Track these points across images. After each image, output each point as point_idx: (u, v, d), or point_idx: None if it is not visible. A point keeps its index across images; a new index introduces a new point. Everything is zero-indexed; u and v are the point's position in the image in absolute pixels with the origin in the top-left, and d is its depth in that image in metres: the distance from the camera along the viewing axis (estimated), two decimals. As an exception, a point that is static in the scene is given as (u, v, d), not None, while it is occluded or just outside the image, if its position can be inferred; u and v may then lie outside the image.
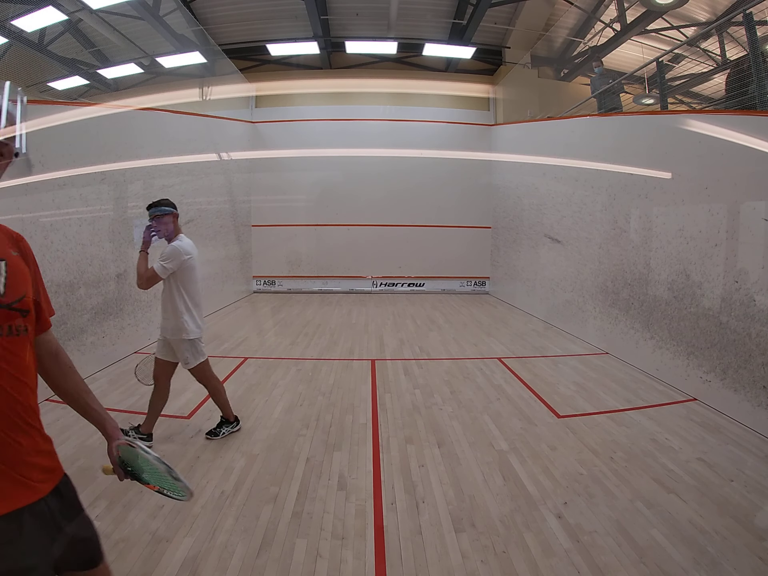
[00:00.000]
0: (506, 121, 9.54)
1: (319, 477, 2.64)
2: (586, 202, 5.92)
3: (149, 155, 5.69)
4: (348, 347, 5.63)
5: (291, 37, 8.97)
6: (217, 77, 8.86)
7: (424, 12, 8.74)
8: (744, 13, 4.13)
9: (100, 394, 3.88)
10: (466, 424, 3.38)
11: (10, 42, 5.79)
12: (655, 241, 4.52)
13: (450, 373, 4.57)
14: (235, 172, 9.11)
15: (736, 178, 3.55)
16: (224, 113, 8.66)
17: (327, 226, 9.97)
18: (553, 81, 9.36)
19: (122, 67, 8.08)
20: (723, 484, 2.54)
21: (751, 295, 3.36)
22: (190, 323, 2.91)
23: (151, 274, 2.78)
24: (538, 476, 2.65)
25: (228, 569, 1.91)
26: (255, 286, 10.13)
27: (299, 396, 3.94)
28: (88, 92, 7.77)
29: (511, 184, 8.86)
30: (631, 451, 2.95)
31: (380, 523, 2.22)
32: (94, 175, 4.62)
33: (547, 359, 5.09)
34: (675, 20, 7.85)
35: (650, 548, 2.03)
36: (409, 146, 9.79)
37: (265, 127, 9.92)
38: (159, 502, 2.36)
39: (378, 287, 10.21)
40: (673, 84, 6.82)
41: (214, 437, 3.06)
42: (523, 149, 8.37)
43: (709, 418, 3.46)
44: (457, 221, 10.06)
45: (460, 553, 2.01)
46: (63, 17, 6.47)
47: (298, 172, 9.85)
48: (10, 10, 5.69)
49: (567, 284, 6.37)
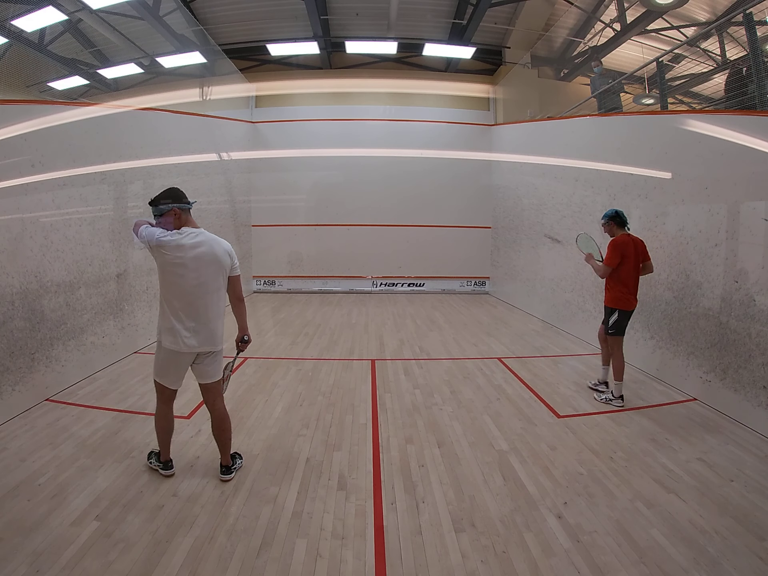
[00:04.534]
0: (506, 121, 9.54)
1: (319, 477, 2.64)
2: (586, 202, 5.92)
3: (149, 155, 5.68)
4: (348, 347, 5.63)
5: (291, 37, 8.96)
6: (217, 77, 8.85)
7: (424, 12, 8.74)
8: (744, 13, 4.13)
9: (100, 394, 3.89)
10: (466, 424, 3.38)
11: (10, 42, 5.79)
12: (655, 241, 4.51)
13: (450, 373, 4.57)
14: (235, 172, 9.10)
15: (736, 178, 3.55)
16: (224, 113, 8.66)
17: (327, 226, 9.96)
18: (553, 81, 9.35)
19: (122, 67, 8.07)
20: (723, 484, 2.54)
21: (751, 295, 3.36)
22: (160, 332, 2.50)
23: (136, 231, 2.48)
24: (538, 476, 2.65)
25: (228, 569, 1.91)
26: (255, 286, 10.13)
27: (299, 396, 3.94)
28: (88, 92, 7.76)
29: (511, 184, 8.86)
30: (631, 451, 2.95)
31: (380, 523, 2.22)
32: (94, 175, 4.62)
33: (547, 359, 5.08)
34: (675, 20, 7.85)
35: (650, 548, 2.03)
36: (409, 146, 9.80)
37: (265, 127, 9.92)
38: (159, 502, 2.37)
39: (378, 287, 10.21)
40: (673, 84, 6.82)
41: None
42: (523, 149, 8.37)
43: (709, 418, 3.46)
44: (457, 221, 10.06)
45: (460, 553, 2.01)
46: (63, 17, 6.47)
47: (298, 172, 9.85)
48: (10, 10, 5.69)
49: (567, 284, 6.37)
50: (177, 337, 2.42)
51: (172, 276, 2.41)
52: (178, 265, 2.39)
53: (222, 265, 2.49)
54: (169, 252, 2.38)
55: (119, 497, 2.39)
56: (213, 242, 2.48)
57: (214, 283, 2.48)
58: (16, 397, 3.41)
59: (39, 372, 3.69)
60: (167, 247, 2.38)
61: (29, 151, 3.73)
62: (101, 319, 4.56)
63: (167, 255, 2.38)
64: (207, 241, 2.46)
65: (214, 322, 2.51)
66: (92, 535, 2.08)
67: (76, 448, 2.91)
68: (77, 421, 3.32)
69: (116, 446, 2.95)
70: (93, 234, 4.55)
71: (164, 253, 2.39)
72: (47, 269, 3.85)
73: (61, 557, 1.93)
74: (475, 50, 9.01)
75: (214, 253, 2.46)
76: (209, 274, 2.45)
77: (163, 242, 2.38)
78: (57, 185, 4.04)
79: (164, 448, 2.63)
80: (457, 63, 9.91)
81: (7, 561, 1.91)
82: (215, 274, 2.47)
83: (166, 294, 2.45)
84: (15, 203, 3.55)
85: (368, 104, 9.97)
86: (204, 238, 2.46)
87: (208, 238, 2.48)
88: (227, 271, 2.53)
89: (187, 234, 2.43)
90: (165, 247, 2.38)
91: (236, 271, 2.58)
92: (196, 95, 8.41)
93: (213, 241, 2.49)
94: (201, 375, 2.58)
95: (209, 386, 2.60)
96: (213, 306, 2.49)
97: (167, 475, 2.59)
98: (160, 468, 2.62)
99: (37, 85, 6.40)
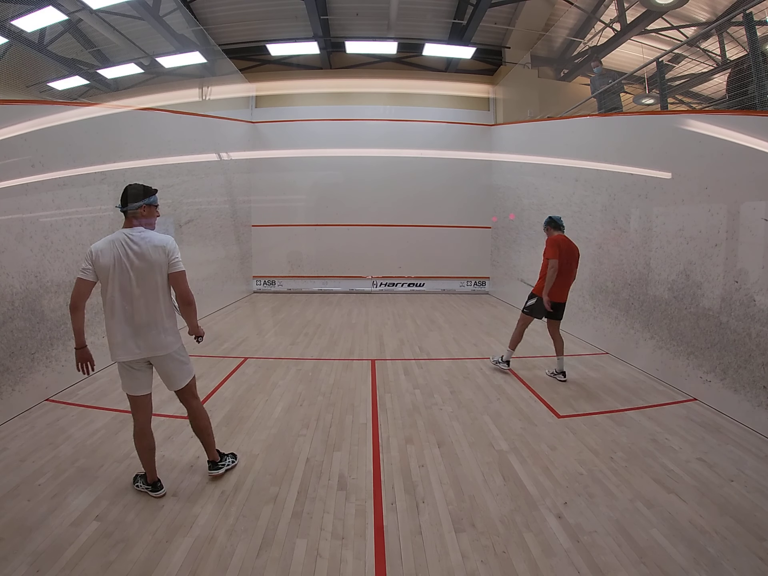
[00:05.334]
0: (506, 121, 9.54)
1: (319, 477, 2.64)
2: (586, 202, 5.92)
3: (149, 155, 5.69)
4: (348, 347, 5.63)
5: (291, 37, 8.96)
6: (217, 77, 8.86)
7: (424, 12, 8.74)
8: (744, 13, 4.13)
9: (100, 394, 3.89)
10: (466, 424, 3.38)
11: (10, 42, 5.79)
12: (655, 241, 4.52)
13: (450, 373, 4.57)
14: (234, 172, 9.10)
15: (736, 178, 3.55)
16: (224, 113, 8.66)
17: (327, 226, 9.97)
18: (553, 81, 9.36)
19: (122, 67, 8.07)
20: (723, 484, 2.54)
21: (751, 295, 3.36)
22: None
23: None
24: (538, 476, 2.65)
25: (228, 569, 1.91)
26: (255, 286, 10.13)
27: (299, 396, 3.94)
28: (88, 92, 7.77)
29: (511, 184, 8.86)
30: (631, 451, 2.95)
31: (380, 523, 2.22)
32: (94, 175, 4.62)
33: (547, 359, 5.08)
34: (675, 20, 7.85)
35: (650, 548, 2.03)
36: (409, 146, 9.80)
37: (265, 127, 9.92)
38: (159, 502, 2.37)
39: (378, 287, 10.21)
40: (673, 84, 6.82)
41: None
42: (523, 149, 8.37)
43: (709, 418, 3.46)
44: (457, 221, 10.06)
45: (460, 553, 2.01)
46: (63, 17, 6.47)
47: (298, 172, 9.85)
48: (10, 10, 5.69)
49: (567, 284, 6.36)
50: (123, 343, 2.32)
51: (102, 275, 2.31)
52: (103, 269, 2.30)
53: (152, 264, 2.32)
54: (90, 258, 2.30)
55: (119, 497, 2.39)
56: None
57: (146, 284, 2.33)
58: (16, 397, 3.42)
59: (39, 372, 3.69)
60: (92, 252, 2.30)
61: (29, 151, 3.74)
62: (101, 319, 4.54)
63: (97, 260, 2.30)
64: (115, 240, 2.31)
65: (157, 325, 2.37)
66: (92, 535, 2.08)
67: (76, 448, 2.92)
68: (77, 422, 3.33)
69: (116, 446, 2.95)
70: (93, 234, 4.55)
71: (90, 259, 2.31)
72: (47, 269, 3.85)
73: (61, 557, 1.94)
74: (475, 50, 9.01)
75: (141, 253, 2.31)
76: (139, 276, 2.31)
77: (90, 250, 2.31)
78: (57, 185, 4.04)
79: (149, 469, 2.45)
80: (457, 63, 9.91)
81: (7, 561, 1.91)
82: (149, 274, 2.32)
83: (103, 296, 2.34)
84: (15, 203, 3.55)
85: (368, 104, 9.97)
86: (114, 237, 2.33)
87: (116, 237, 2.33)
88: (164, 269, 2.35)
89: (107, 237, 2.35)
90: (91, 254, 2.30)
91: (176, 268, 2.37)
92: (196, 95, 8.41)
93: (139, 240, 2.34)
94: (166, 382, 2.49)
95: (179, 392, 2.51)
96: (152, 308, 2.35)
97: (158, 497, 2.41)
98: (149, 490, 2.43)
99: (37, 85, 6.40)
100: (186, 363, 2.51)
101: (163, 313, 2.37)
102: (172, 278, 2.37)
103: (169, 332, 2.39)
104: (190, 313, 2.43)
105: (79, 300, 2.25)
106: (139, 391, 2.40)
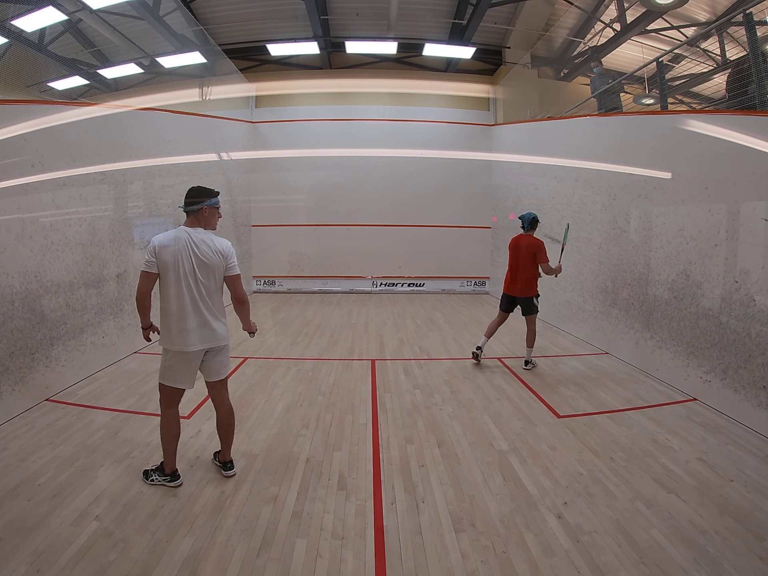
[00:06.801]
0: (506, 121, 9.53)
1: (319, 477, 2.64)
2: (586, 202, 5.92)
3: (149, 155, 5.68)
4: (348, 347, 5.63)
5: (291, 37, 8.96)
6: (217, 77, 8.85)
7: (424, 12, 8.74)
8: (744, 13, 4.13)
9: (100, 394, 3.89)
10: (466, 424, 3.38)
11: (10, 42, 5.79)
12: (655, 241, 4.52)
13: (450, 373, 4.57)
14: (234, 172, 9.10)
15: (736, 178, 3.55)
16: (224, 113, 8.65)
17: (327, 226, 9.96)
18: (553, 81, 9.35)
19: (122, 67, 8.07)
20: (723, 484, 2.54)
21: (751, 295, 3.36)
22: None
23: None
24: (538, 476, 2.65)
25: (228, 569, 1.91)
26: (255, 286, 10.13)
27: (299, 396, 3.94)
28: (88, 92, 7.77)
29: (511, 184, 8.86)
30: (631, 451, 2.95)
31: (380, 523, 2.22)
32: (94, 175, 4.62)
33: (547, 359, 5.09)
34: (675, 20, 7.84)
35: (650, 548, 2.03)
36: (409, 146, 9.79)
37: (265, 127, 9.92)
38: (159, 502, 2.37)
39: (378, 287, 10.20)
40: (673, 84, 6.82)
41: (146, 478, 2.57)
42: (523, 149, 8.37)
43: (709, 418, 3.46)
44: (457, 221, 10.05)
45: (460, 553, 2.01)
46: (63, 17, 6.46)
47: (298, 172, 9.85)
48: (10, 10, 5.69)
49: (567, 284, 6.37)
50: (182, 335, 2.44)
51: (162, 271, 2.43)
52: (166, 264, 2.42)
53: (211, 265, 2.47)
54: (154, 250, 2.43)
55: (119, 497, 2.39)
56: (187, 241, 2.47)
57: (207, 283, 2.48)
58: (16, 397, 3.42)
59: (39, 372, 3.69)
60: (156, 246, 2.42)
61: (29, 151, 3.73)
62: (101, 319, 4.56)
63: (161, 253, 2.42)
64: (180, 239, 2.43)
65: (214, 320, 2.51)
66: (92, 535, 2.08)
67: (76, 448, 2.91)
68: (77, 421, 3.33)
69: (116, 446, 2.95)
70: (93, 234, 4.55)
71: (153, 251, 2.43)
72: (47, 269, 3.85)
73: (61, 557, 1.94)
74: (475, 50, 9.01)
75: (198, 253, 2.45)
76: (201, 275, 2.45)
77: (153, 243, 2.43)
78: (57, 185, 4.04)
79: (170, 457, 2.53)
80: (457, 63, 9.91)
81: (7, 561, 1.91)
82: (207, 274, 2.46)
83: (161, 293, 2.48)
84: (15, 203, 3.55)
85: (368, 104, 9.96)
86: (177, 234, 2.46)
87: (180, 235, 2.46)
88: (221, 271, 2.51)
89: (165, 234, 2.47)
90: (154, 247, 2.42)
91: (233, 271, 2.54)
92: (196, 95, 8.41)
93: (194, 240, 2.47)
94: (209, 373, 2.58)
95: (217, 383, 2.61)
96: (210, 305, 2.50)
97: (176, 486, 2.49)
98: (166, 481, 2.50)
99: (37, 85, 6.40)
100: (229, 355, 2.68)
101: (220, 308, 2.55)
102: (228, 280, 2.54)
103: (224, 326, 2.57)
104: (245, 312, 2.63)
105: (146, 291, 2.42)
106: (184, 384, 2.52)
